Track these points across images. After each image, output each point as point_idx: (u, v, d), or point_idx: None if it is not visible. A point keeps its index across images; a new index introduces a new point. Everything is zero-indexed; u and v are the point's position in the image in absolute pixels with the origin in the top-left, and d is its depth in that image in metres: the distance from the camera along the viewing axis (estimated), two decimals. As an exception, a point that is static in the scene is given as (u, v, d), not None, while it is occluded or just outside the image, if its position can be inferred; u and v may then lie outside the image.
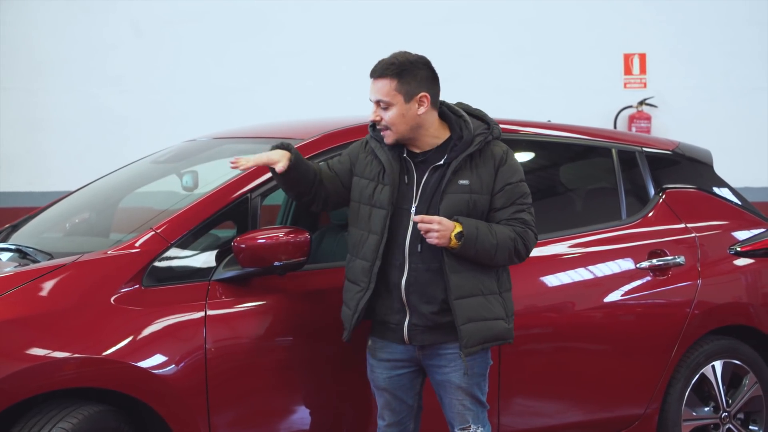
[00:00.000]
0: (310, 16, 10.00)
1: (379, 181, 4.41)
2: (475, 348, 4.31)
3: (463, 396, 4.43)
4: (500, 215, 4.37)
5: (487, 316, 4.34)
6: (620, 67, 10.00)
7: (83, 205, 5.53)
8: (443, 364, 4.41)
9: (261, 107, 9.64)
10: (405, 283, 4.35)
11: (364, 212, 4.43)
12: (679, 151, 6.15)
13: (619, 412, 5.53)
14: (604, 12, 9.98)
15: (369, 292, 4.37)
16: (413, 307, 4.36)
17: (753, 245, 6.02)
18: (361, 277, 4.40)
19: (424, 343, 4.40)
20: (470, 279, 4.33)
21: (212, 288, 4.49)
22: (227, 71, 9.96)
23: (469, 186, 4.34)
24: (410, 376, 4.50)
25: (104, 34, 9.96)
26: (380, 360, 4.50)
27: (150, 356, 4.28)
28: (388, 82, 4.34)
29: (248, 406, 4.52)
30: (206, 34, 9.97)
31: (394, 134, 4.37)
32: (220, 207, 4.63)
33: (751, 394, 5.85)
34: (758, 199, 8.61)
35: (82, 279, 4.33)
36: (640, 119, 9.88)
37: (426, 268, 4.34)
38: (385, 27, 9.91)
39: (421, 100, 4.36)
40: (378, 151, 4.45)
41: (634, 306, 5.54)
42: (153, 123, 9.86)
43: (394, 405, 4.51)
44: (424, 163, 4.41)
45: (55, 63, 10.00)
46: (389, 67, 4.35)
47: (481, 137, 4.40)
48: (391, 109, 4.34)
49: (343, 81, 9.89)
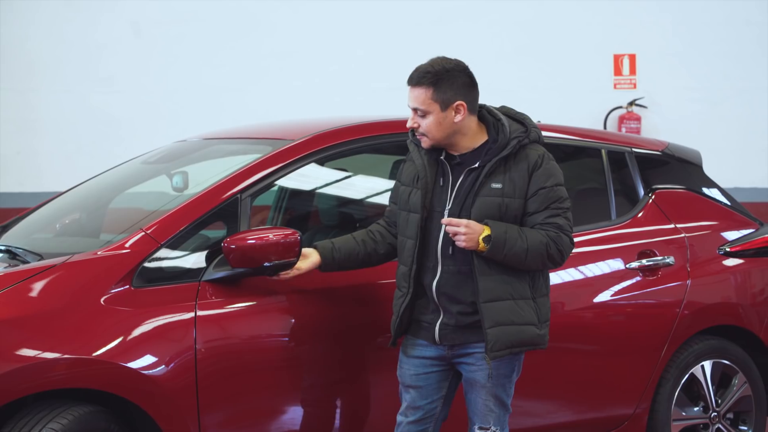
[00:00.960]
0: (301, 17, 10.00)
1: (414, 186, 4.44)
2: (502, 352, 4.31)
3: (487, 396, 4.43)
4: (534, 219, 4.36)
5: (515, 320, 4.33)
6: (610, 67, 10.02)
7: (73, 206, 5.52)
8: (471, 362, 4.42)
9: (252, 108, 9.65)
10: (436, 284, 4.38)
11: (403, 218, 4.48)
12: (669, 152, 6.16)
13: (608, 412, 5.54)
14: (595, 13, 9.99)
15: (409, 296, 4.41)
16: (445, 307, 4.39)
17: (742, 245, 6.04)
18: (402, 282, 4.45)
19: (454, 343, 4.42)
20: (500, 283, 4.33)
21: (202, 288, 4.48)
22: (219, 72, 9.96)
23: (502, 189, 4.34)
24: (438, 376, 4.50)
25: (96, 35, 9.96)
26: (410, 357, 4.51)
27: (140, 357, 4.27)
28: (425, 91, 4.34)
29: (238, 407, 4.52)
30: (198, 35, 9.97)
31: (430, 140, 4.40)
32: (211, 207, 4.63)
33: (740, 394, 5.87)
34: (748, 200, 8.63)
35: (72, 280, 4.32)
36: (630, 120, 9.90)
37: (457, 270, 4.36)
38: (376, 28, 9.92)
39: (458, 108, 4.36)
40: (414, 155, 4.48)
41: (623, 306, 5.54)
42: (145, 123, 9.86)
43: (420, 403, 4.52)
44: (460, 166, 4.42)
45: (46, 63, 10.00)
46: (425, 76, 4.34)
47: (515, 140, 4.37)
48: (427, 117, 4.35)
49: (333, 82, 9.91)
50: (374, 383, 4.85)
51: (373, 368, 4.84)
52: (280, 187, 5.83)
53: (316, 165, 5.01)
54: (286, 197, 5.91)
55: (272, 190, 5.44)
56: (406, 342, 4.54)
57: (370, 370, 4.84)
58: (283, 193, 5.91)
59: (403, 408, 4.57)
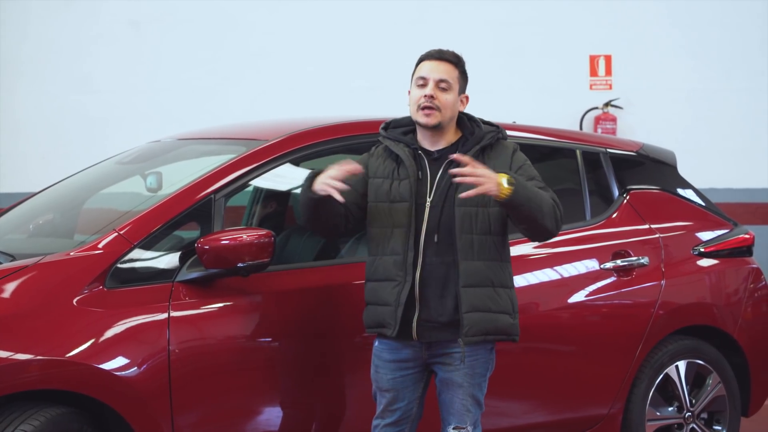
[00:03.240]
0: (279, 18, 9.99)
1: (395, 178, 4.45)
2: (476, 338, 4.32)
3: (465, 396, 4.43)
4: None
5: (492, 308, 4.36)
6: (586, 68, 10.04)
7: (47, 207, 5.50)
8: (449, 362, 4.41)
9: (231, 108, 9.63)
10: (419, 277, 4.37)
11: (382, 209, 4.45)
12: (643, 152, 6.17)
13: (583, 412, 5.55)
14: (570, 14, 10.01)
15: (408, 284, 4.37)
16: (425, 301, 4.37)
17: (716, 246, 6.06)
18: (395, 271, 4.39)
19: (431, 340, 4.40)
20: (482, 269, 4.35)
21: (176, 289, 4.47)
22: (196, 72, 9.94)
23: None
24: (413, 377, 4.49)
25: (73, 36, 9.92)
26: (386, 361, 4.49)
27: (113, 358, 4.25)
28: (453, 69, 4.51)
29: (212, 408, 4.50)
30: (175, 35, 9.95)
31: (440, 116, 4.44)
32: (184, 208, 4.62)
33: (714, 393, 5.89)
34: (723, 200, 8.66)
35: (44, 280, 4.30)
36: (606, 120, 9.92)
37: (441, 261, 4.37)
38: (354, 28, 9.92)
39: (463, 99, 4.56)
40: (395, 148, 4.50)
41: (598, 306, 5.56)
42: (121, 124, 9.83)
43: (398, 405, 4.50)
44: (438, 160, 4.46)
45: (21, 63, 9.95)
46: (456, 57, 4.55)
47: (492, 134, 4.51)
48: (449, 92, 4.45)
49: (311, 82, 9.90)
50: (350, 384, 4.84)
51: (349, 369, 4.83)
52: (255, 188, 5.82)
53: (290, 165, 5.00)
54: (260, 198, 5.91)
55: (247, 190, 5.43)
56: (380, 346, 4.52)
57: (346, 371, 4.83)
58: (258, 194, 5.90)
59: (379, 411, 4.56)
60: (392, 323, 4.40)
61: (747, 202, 9.75)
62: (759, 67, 9.99)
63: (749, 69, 9.99)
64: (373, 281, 4.48)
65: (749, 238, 6.21)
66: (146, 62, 9.95)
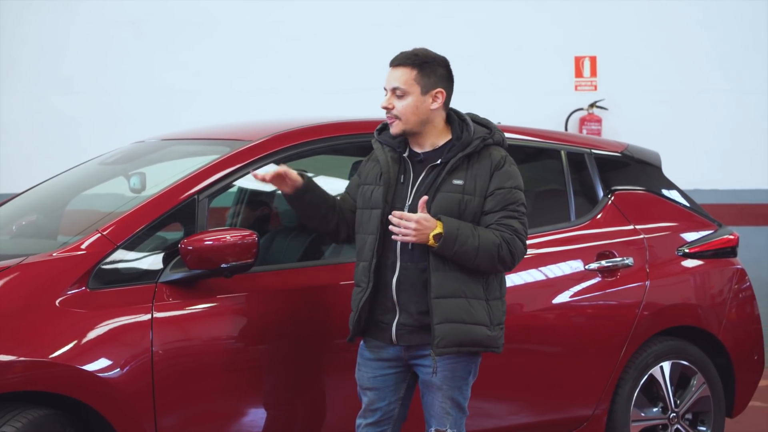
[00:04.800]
0: (260, 19, 9.97)
1: (377, 183, 4.42)
2: (448, 349, 4.29)
3: (444, 399, 4.41)
4: (489, 219, 4.34)
5: (466, 319, 4.31)
6: (571, 69, 10.04)
7: (30, 207, 5.48)
8: (428, 365, 4.39)
9: (212, 109, 9.61)
10: (396, 281, 4.35)
11: (365, 217, 4.44)
12: (628, 153, 6.18)
13: (568, 413, 5.55)
14: (555, 15, 10.02)
15: (368, 291, 4.37)
16: (403, 306, 4.36)
17: (701, 246, 6.07)
18: (362, 278, 4.41)
19: (410, 343, 4.39)
20: (454, 280, 4.30)
21: (159, 290, 4.45)
22: (179, 74, 9.92)
23: (463, 186, 4.33)
24: (395, 377, 4.48)
25: (55, 36, 9.89)
26: (367, 359, 4.49)
27: (96, 359, 4.24)
28: (408, 71, 4.37)
29: (195, 409, 4.49)
30: (157, 36, 9.92)
31: (402, 125, 4.38)
32: (168, 209, 4.60)
33: (699, 394, 5.89)
34: (707, 201, 8.66)
35: (26, 281, 4.28)
36: (591, 121, 9.92)
37: (415, 266, 4.34)
38: (338, 29, 9.90)
39: (437, 95, 4.39)
40: (378, 153, 4.48)
41: (583, 307, 5.56)
42: (104, 125, 9.80)
43: (379, 405, 4.50)
44: (423, 163, 4.42)
45: (2, 65, 9.91)
46: (412, 57, 4.38)
47: (479, 140, 4.39)
48: (406, 98, 4.36)
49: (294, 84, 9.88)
50: (334, 385, 4.83)
51: (334, 370, 4.82)
52: (239, 188, 5.81)
53: (274, 166, 4.99)
54: (244, 198, 5.89)
55: (231, 191, 5.42)
56: (363, 344, 4.53)
57: (331, 371, 4.82)
58: (242, 194, 5.89)
59: (362, 410, 4.55)
60: (351, 329, 4.46)
61: (731, 203, 9.77)
62: (743, 69, 10.01)
63: (733, 70, 10.01)
64: (354, 285, 4.51)
65: (734, 239, 6.22)
66: (130, 63, 9.92)
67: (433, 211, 4.28)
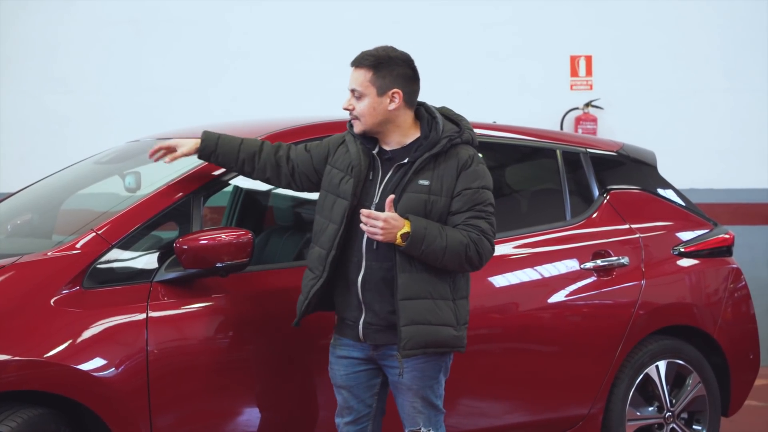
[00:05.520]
0: (257, 18, 9.96)
1: (347, 173, 4.40)
2: (414, 351, 4.27)
3: (414, 398, 4.41)
4: (456, 219, 4.32)
5: (432, 320, 4.29)
6: (566, 69, 10.03)
7: (25, 207, 5.47)
8: (396, 366, 4.38)
9: (207, 108, 9.58)
10: (361, 280, 4.34)
11: (329, 201, 4.42)
12: (624, 153, 6.18)
13: (563, 412, 5.54)
14: (551, 14, 10.01)
15: (322, 280, 4.35)
16: (368, 305, 4.35)
17: (696, 246, 6.07)
18: (316, 264, 4.38)
19: (377, 343, 4.38)
20: (420, 281, 4.29)
21: (154, 289, 4.45)
22: (174, 72, 9.89)
23: (429, 187, 4.31)
24: (367, 374, 4.47)
25: (50, 36, 9.87)
26: (338, 357, 4.49)
27: (91, 359, 4.23)
28: (364, 73, 4.37)
29: (190, 408, 4.48)
30: (152, 35, 9.90)
31: (362, 125, 4.39)
32: (163, 208, 4.60)
33: (694, 393, 5.89)
34: (703, 200, 8.67)
35: (21, 281, 4.28)
36: (586, 121, 9.91)
37: (380, 266, 4.32)
38: (334, 28, 9.89)
39: (393, 96, 4.36)
40: (351, 145, 4.46)
41: (578, 306, 5.55)
42: (99, 124, 9.77)
43: (352, 403, 4.49)
44: (390, 161, 4.40)
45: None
46: (367, 58, 4.38)
47: (446, 139, 4.37)
48: (363, 99, 4.37)
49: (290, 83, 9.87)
50: (330, 384, 4.80)
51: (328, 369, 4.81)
52: (235, 188, 5.81)
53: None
54: (240, 197, 5.88)
55: (226, 190, 5.41)
56: (333, 342, 4.51)
57: (325, 370, 4.80)
58: (237, 194, 5.88)
59: (339, 408, 4.56)
60: (298, 312, 4.44)
61: (727, 202, 9.77)
62: (740, 68, 10.00)
63: (730, 70, 10.00)
64: (307, 268, 4.49)
65: (729, 239, 6.22)
66: (125, 63, 9.90)
67: (399, 212, 4.26)
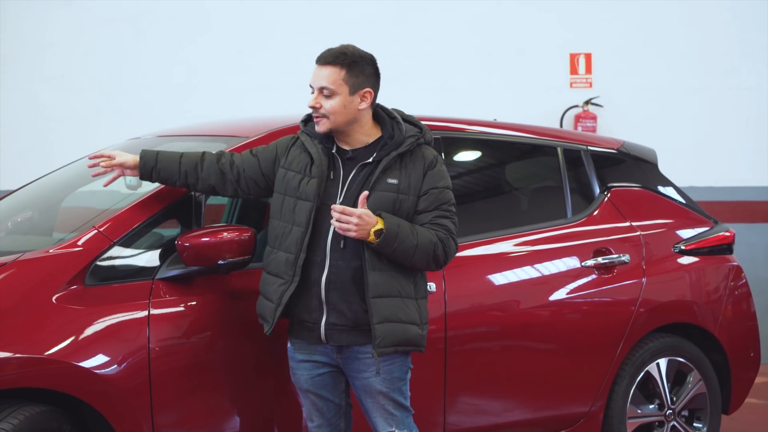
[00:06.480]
0: (255, 17, 9.96)
1: (306, 174, 4.37)
2: (387, 349, 4.27)
3: (385, 401, 4.39)
4: (423, 218, 4.33)
5: (402, 318, 4.29)
6: (566, 66, 10.03)
7: (26, 204, 5.47)
8: (363, 369, 4.36)
9: (205, 106, 9.58)
10: (325, 280, 4.30)
11: (288, 204, 4.38)
12: (624, 150, 6.18)
13: (564, 410, 5.55)
14: (551, 12, 10.01)
15: (293, 284, 4.30)
16: (332, 305, 4.31)
17: (697, 243, 6.07)
18: (284, 269, 4.34)
19: (341, 344, 4.35)
20: (389, 279, 4.28)
21: (156, 287, 4.45)
22: (172, 70, 9.89)
23: (398, 186, 4.32)
24: (332, 375, 4.46)
25: (47, 32, 9.86)
26: (300, 361, 4.46)
27: (93, 356, 4.23)
28: (337, 71, 4.33)
29: (192, 406, 4.48)
30: (150, 32, 9.90)
31: (330, 123, 4.35)
32: (164, 205, 4.60)
33: (695, 391, 5.90)
34: (704, 198, 8.68)
35: (22, 278, 4.27)
36: (586, 119, 9.92)
37: (347, 265, 4.30)
38: (333, 27, 9.88)
39: (365, 95, 4.36)
40: (308, 145, 4.42)
41: (579, 304, 5.56)
42: (98, 121, 9.77)
43: (320, 405, 4.48)
44: (352, 161, 4.39)
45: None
46: (340, 56, 4.34)
47: (412, 139, 4.39)
48: (334, 98, 4.33)
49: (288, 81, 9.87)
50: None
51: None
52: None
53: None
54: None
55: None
56: (292, 347, 4.48)
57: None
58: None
59: (306, 412, 4.54)
60: (270, 320, 4.37)
61: (727, 200, 9.77)
62: (739, 66, 10.00)
63: (729, 67, 10.00)
64: (265, 273, 4.44)
65: (730, 236, 6.23)
66: (125, 60, 9.90)
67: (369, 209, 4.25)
